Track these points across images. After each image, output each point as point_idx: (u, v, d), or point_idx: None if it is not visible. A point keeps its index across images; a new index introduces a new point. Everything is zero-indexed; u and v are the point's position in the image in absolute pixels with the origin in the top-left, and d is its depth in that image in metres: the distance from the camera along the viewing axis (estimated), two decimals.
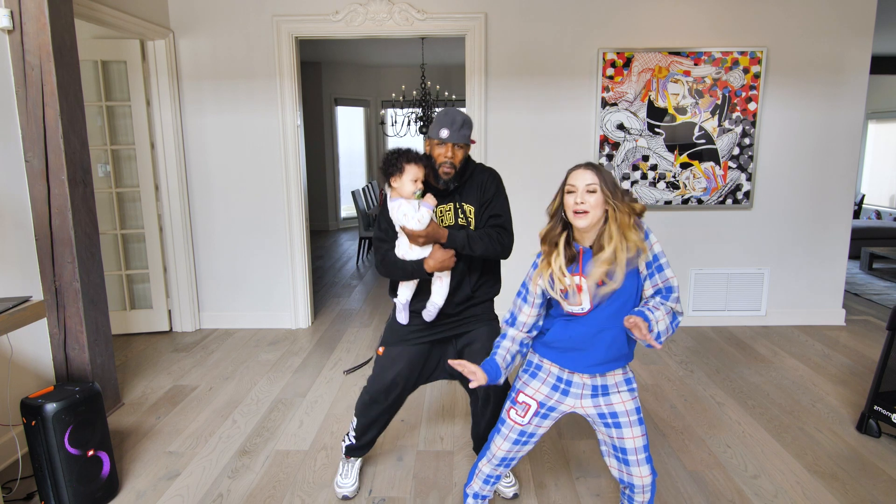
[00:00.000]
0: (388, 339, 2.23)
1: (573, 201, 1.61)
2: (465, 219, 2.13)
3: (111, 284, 4.07)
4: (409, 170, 2.00)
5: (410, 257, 2.06)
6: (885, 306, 4.96)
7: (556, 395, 1.77)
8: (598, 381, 1.74)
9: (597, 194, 1.60)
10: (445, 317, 2.17)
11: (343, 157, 9.72)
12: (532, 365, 1.83)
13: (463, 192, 2.13)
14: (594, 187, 1.60)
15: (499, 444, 1.86)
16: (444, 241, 2.04)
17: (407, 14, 4.02)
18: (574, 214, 1.61)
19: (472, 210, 2.13)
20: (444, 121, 2.07)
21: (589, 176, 1.61)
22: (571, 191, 1.62)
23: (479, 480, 1.95)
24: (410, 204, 2.01)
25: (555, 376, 1.77)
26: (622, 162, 4.19)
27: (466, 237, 2.05)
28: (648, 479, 1.75)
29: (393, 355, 2.18)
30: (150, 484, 2.40)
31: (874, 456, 2.57)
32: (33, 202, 2.66)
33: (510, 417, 1.82)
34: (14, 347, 2.51)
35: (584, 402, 1.76)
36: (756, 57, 4.04)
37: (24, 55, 2.57)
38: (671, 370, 3.57)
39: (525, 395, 1.80)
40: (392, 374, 2.16)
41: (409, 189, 2.01)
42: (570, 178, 1.64)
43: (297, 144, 4.21)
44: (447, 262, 2.03)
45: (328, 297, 5.33)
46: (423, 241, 2.01)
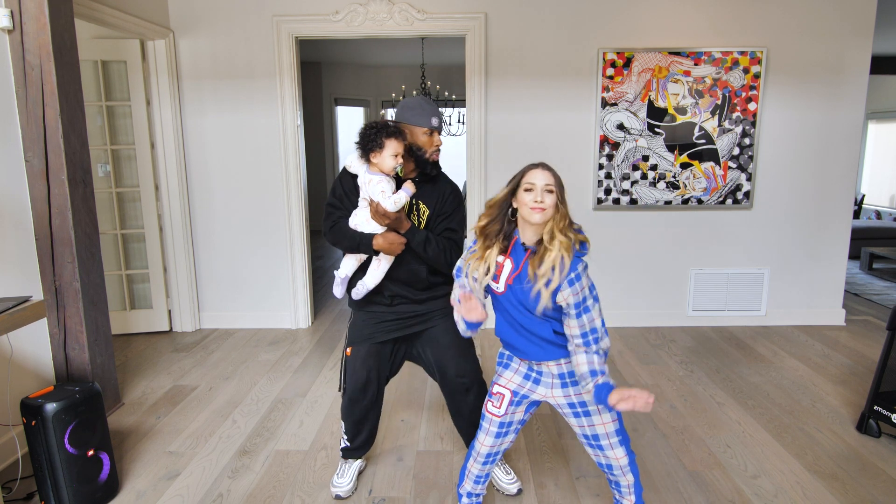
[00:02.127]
0: (353, 338, 2.23)
1: (531, 199, 1.67)
2: (418, 217, 2.14)
3: (111, 284, 4.07)
4: (390, 145, 1.99)
5: (364, 229, 2.06)
6: (885, 306, 4.96)
7: (529, 383, 1.85)
8: (563, 367, 1.79)
9: (553, 195, 1.68)
10: (410, 305, 2.18)
11: (343, 157, 9.72)
12: (504, 356, 1.91)
13: (423, 193, 2.14)
14: (552, 188, 1.68)
15: (482, 440, 1.91)
16: (403, 231, 2.04)
17: (407, 14, 4.02)
18: (531, 210, 1.67)
19: (426, 213, 2.14)
20: (431, 110, 2.08)
21: (548, 176, 1.70)
22: (530, 189, 1.68)
23: (470, 481, 1.99)
24: (390, 183, 2.01)
25: (526, 365, 1.85)
26: (622, 162, 4.19)
27: (425, 237, 2.07)
28: (625, 460, 1.82)
29: (361, 354, 2.20)
30: (150, 484, 2.40)
31: (874, 456, 2.57)
32: (33, 202, 2.66)
33: (488, 410, 1.89)
34: (14, 347, 2.51)
35: (554, 392, 1.82)
36: (756, 57, 4.04)
37: (24, 55, 2.57)
38: (671, 370, 3.57)
39: (499, 385, 1.88)
40: (364, 372, 2.19)
41: (390, 164, 2.01)
42: (529, 175, 1.71)
43: (297, 144, 4.21)
44: (395, 247, 2.04)
45: (328, 297, 5.33)
46: (386, 223, 2.01)
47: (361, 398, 2.22)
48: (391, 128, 2.01)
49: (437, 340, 2.20)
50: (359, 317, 2.24)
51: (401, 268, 2.13)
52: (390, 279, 2.14)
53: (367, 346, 2.20)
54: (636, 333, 4.25)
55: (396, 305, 2.19)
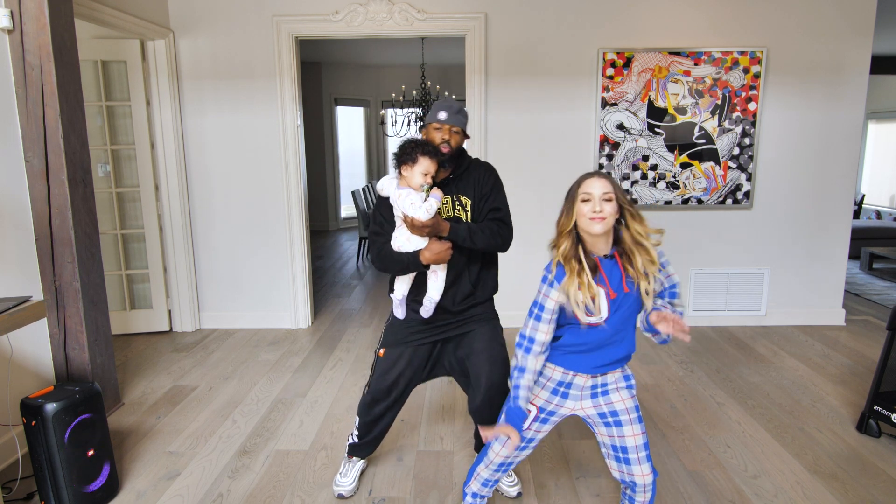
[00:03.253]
0: (388, 340, 2.23)
1: (589, 209, 1.61)
2: (463, 211, 2.14)
3: (111, 284, 4.07)
4: (423, 162, 2.01)
5: (407, 249, 2.06)
6: (885, 306, 4.96)
7: (556, 398, 1.78)
8: (597, 380, 1.74)
9: (612, 202, 1.62)
10: (447, 315, 2.17)
11: (343, 157, 9.72)
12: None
13: (460, 185, 2.14)
14: (610, 195, 1.62)
15: (497, 450, 1.85)
16: (445, 234, 2.04)
17: (407, 14, 4.02)
18: (590, 221, 1.61)
19: (469, 203, 2.14)
20: (442, 105, 2.11)
21: (605, 184, 1.63)
22: (587, 199, 1.62)
23: (478, 482, 1.96)
24: (419, 195, 2.01)
25: (555, 381, 1.77)
26: (622, 162, 4.19)
27: (468, 230, 2.06)
28: (650, 478, 1.75)
29: (394, 357, 2.18)
30: (150, 484, 2.40)
31: (874, 456, 2.57)
32: (33, 202, 2.66)
33: None
34: (14, 347, 2.50)
35: (583, 404, 1.77)
36: (756, 57, 4.04)
37: (24, 55, 2.57)
38: (671, 370, 3.57)
39: None
40: (394, 376, 2.17)
41: (418, 181, 2.02)
42: (585, 186, 1.64)
43: (297, 144, 4.21)
44: (444, 254, 2.03)
45: (328, 297, 5.33)
46: (426, 232, 2.01)
47: (384, 399, 2.21)
48: (429, 147, 2.04)
49: (472, 346, 2.16)
50: (396, 320, 2.23)
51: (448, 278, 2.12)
52: None
53: (400, 349, 2.19)
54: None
55: (436, 314, 2.17)
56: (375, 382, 2.21)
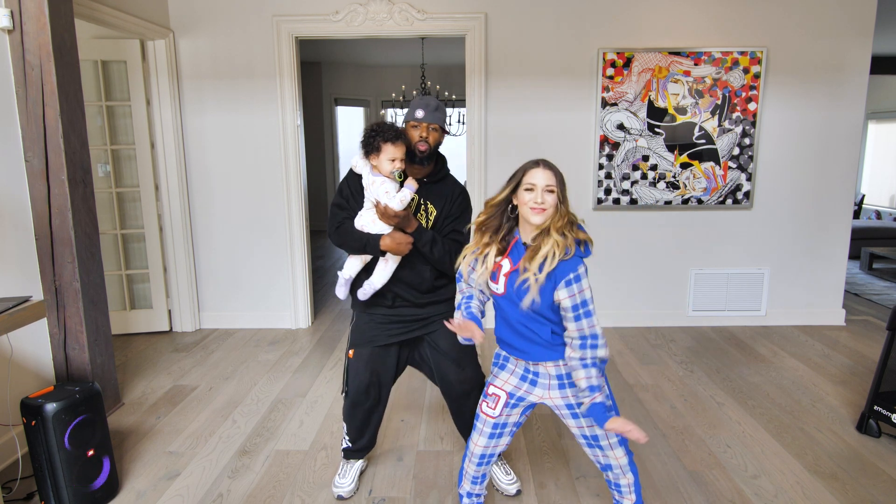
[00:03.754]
0: (356, 340, 2.23)
1: (531, 198, 1.65)
2: (426, 217, 2.14)
3: (111, 284, 4.07)
4: (386, 149, 2.01)
5: (370, 230, 2.06)
6: (885, 306, 4.96)
7: (525, 385, 1.82)
8: (562, 368, 1.77)
9: (554, 194, 1.66)
10: (411, 308, 2.18)
11: (343, 157, 9.71)
12: (500, 357, 1.89)
13: (431, 192, 2.15)
14: (553, 188, 1.66)
15: (476, 440, 1.90)
16: (410, 231, 2.05)
17: (407, 14, 4.02)
18: (531, 211, 1.66)
19: (434, 213, 2.14)
20: (419, 103, 2.11)
21: (549, 176, 1.67)
22: (530, 189, 1.66)
23: (468, 481, 1.99)
24: (393, 183, 2.02)
25: (522, 367, 1.83)
26: (622, 162, 4.19)
27: (432, 237, 2.07)
28: (624, 460, 1.81)
29: (364, 356, 2.20)
30: (150, 484, 2.40)
31: (874, 456, 2.57)
32: (33, 202, 2.66)
33: (482, 411, 1.88)
34: (14, 347, 2.50)
35: (551, 393, 1.80)
36: (756, 57, 4.04)
37: (24, 55, 2.57)
38: (671, 370, 3.57)
39: (495, 386, 1.86)
40: (367, 375, 2.19)
41: (387, 168, 2.02)
42: (530, 175, 1.68)
43: (297, 144, 4.21)
44: (403, 246, 2.04)
45: (328, 297, 5.32)
46: (394, 223, 2.02)
47: (364, 400, 2.23)
48: (389, 132, 2.02)
49: (438, 345, 2.20)
50: (361, 319, 2.24)
51: (405, 268, 2.13)
52: (394, 280, 2.14)
53: (369, 348, 2.20)
54: (636, 333, 4.25)
55: (398, 307, 2.18)
56: (352, 385, 2.22)
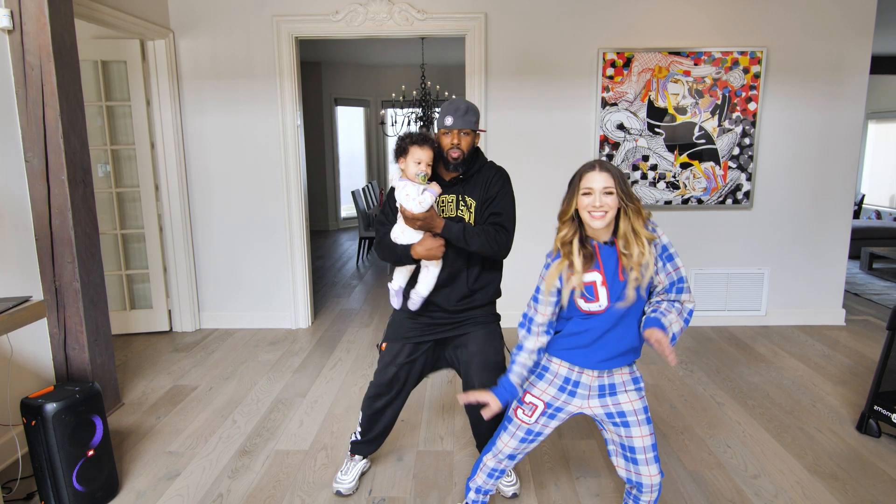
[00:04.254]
0: (389, 334, 2.26)
1: (590, 203, 1.61)
2: (467, 211, 2.13)
3: (111, 284, 4.07)
4: (413, 152, 2.02)
5: (401, 241, 2.07)
6: (885, 306, 4.96)
7: (563, 395, 1.77)
8: (605, 380, 1.73)
9: (613, 196, 1.61)
10: (444, 314, 2.17)
11: (343, 157, 9.72)
12: (539, 366, 1.81)
13: (468, 186, 2.14)
14: (611, 189, 1.61)
15: (505, 440, 1.87)
16: (438, 231, 2.03)
17: (407, 14, 4.02)
18: (590, 216, 1.62)
19: (473, 204, 2.12)
20: (448, 109, 2.09)
21: (606, 178, 1.62)
22: (588, 193, 1.62)
23: (484, 474, 1.96)
24: (415, 187, 2.02)
25: (562, 377, 1.77)
26: (622, 162, 4.19)
27: (462, 230, 2.04)
28: (657, 479, 1.75)
29: (394, 351, 2.21)
30: (150, 484, 2.40)
31: (874, 456, 2.57)
32: (33, 202, 2.66)
33: (517, 416, 1.83)
34: (14, 347, 2.50)
35: (591, 403, 1.76)
36: (756, 57, 4.04)
37: (24, 55, 2.57)
38: (671, 370, 3.57)
39: (532, 395, 1.80)
40: (394, 370, 2.20)
41: (413, 170, 2.03)
42: (586, 180, 1.63)
43: (297, 144, 4.21)
44: (435, 250, 2.03)
45: (328, 297, 5.33)
46: (418, 225, 2.01)
47: (385, 393, 2.23)
48: (418, 136, 2.04)
49: (468, 347, 2.17)
50: (397, 315, 2.26)
51: (443, 274, 2.12)
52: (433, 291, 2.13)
53: (399, 344, 2.21)
54: None
55: (431, 312, 2.19)
56: (377, 376, 2.24)
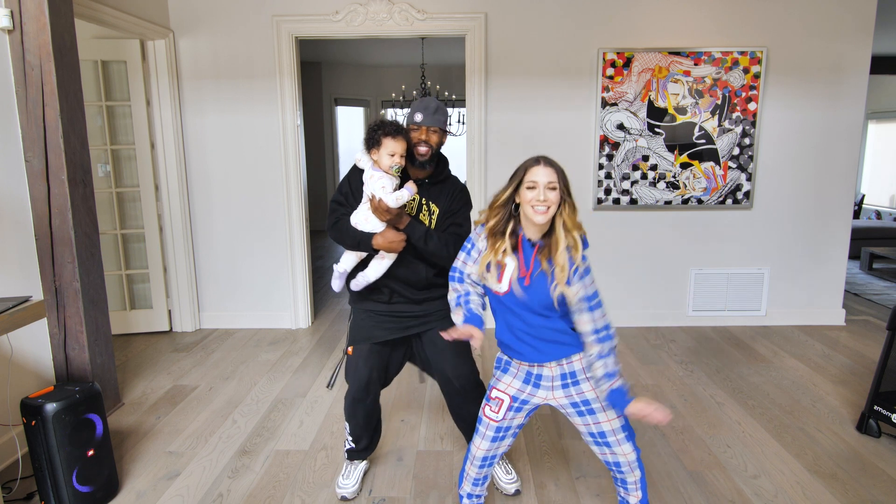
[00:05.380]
0: (354, 337, 2.24)
1: (533, 197, 1.64)
2: (428, 217, 2.15)
3: (111, 284, 4.07)
4: (387, 143, 2.03)
5: (363, 228, 2.07)
6: (885, 306, 4.96)
7: (528, 387, 1.81)
8: (564, 367, 1.77)
9: (556, 192, 1.65)
10: (408, 305, 2.18)
11: (343, 157, 9.71)
12: (502, 361, 1.88)
13: (433, 192, 2.16)
14: (555, 185, 1.65)
15: (478, 444, 1.90)
16: (402, 227, 2.05)
17: (407, 14, 4.02)
18: (533, 210, 1.64)
19: (437, 212, 2.15)
20: (418, 106, 2.11)
21: (550, 173, 1.65)
22: (532, 187, 1.65)
23: (469, 482, 1.99)
24: (391, 180, 2.03)
25: (524, 370, 1.81)
26: (622, 162, 4.19)
27: (425, 231, 2.07)
28: (633, 456, 1.81)
29: (363, 353, 2.20)
30: (150, 484, 2.40)
31: (874, 456, 2.57)
32: (33, 202, 2.66)
33: (486, 415, 1.87)
34: (14, 347, 2.50)
35: (555, 394, 1.80)
36: (756, 57, 4.04)
37: (24, 55, 2.57)
38: (671, 370, 3.57)
39: (498, 390, 1.85)
40: (366, 370, 2.20)
41: (386, 162, 2.04)
42: (531, 174, 1.66)
43: (297, 144, 4.21)
44: (396, 244, 2.05)
45: (328, 297, 5.33)
46: (386, 219, 2.03)
47: (365, 397, 2.23)
48: (391, 127, 2.05)
49: (435, 343, 2.20)
50: (358, 316, 2.25)
51: (401, 265, 2.13)
52: (390, 276, 2.14)
53: (368, 345, 2.20)
54: (636, 333, 4.25)
55: (395, 304, 2.19)
56: (352, 382, 2.23)
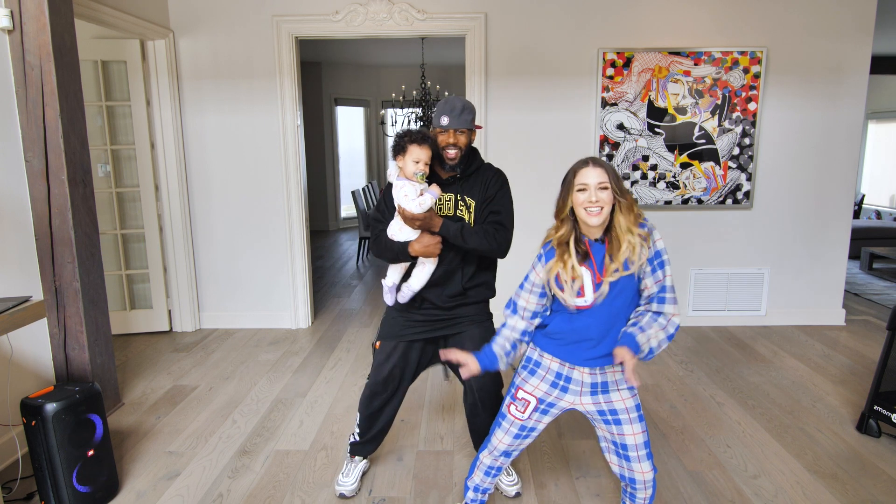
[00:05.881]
0: (383, 333, 2.26)
1: (585, 199, 1.62)
2: (467, 211, 2.14)
3: (111, 284, 4.07)
4: (412, 150, 2.02)
5: (398, 238, 2.08)
6: (885, 306, 4.96)
7: (556, 391, 1.78)
8: (597, 377, 1.74)
9: (608, 191, 1.62)
10: (437, 311, 2.19)
11: (343, 157, 9.72)
12: (531, 362, 1.83)
13: (466, 186, 2.15)
14: (606, 185, 1.62)
15: (500, 437, 1.89)
16: (436, 230, 2.05)
17: (407, 14, 4.02)
18: (587, 212, 1.62)
19: (473, 204, 2.14)
20: (444, 108, 2.10)
21: (600, 174, 1.63)
22: (583, 189, 1.62)
23: (481, 472, 1.97)
24: (414, 187, 2.02)
25: (554, 373, 1.77)
26: (622, 162, 4.19)
27: (460, 228, 2.05)
28: (650, 475, 1.76)
29: (388, 349, 2.22)
30: (150, 484, 2.40)
31: (874, 456, 2.57)
32: (33, 202, 2.66)
33: (510, 413, 1.84)
34: (14, 347, 2.50)
35: (583, 399, 1.77)
36: (756, 57, 4.04)
37: (24, 55, 2.57)
38: (671, 370, 3.57)
39: (524, 391, 1.81)
40: (389, 367, 2.21)
41: (411, 169, 2.03)
42: (580, 176, 1.64)
43: (297, 144, 4.21)
44: (432, 248, 2.04)
45: (328, 297, 5.33)
46: (417, 225, 2.02)
47: (382, 391, 2.24)
48: (417, 134, 2.04)
49: (462, 346, 2.16)
50: (390, 313, 2.27)
51: (438, 271, 2.13)
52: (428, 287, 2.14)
53: (394, 342, 2.22)
54: None
55: (425, 309, 2.20)
56: (373, 375, 2.25)
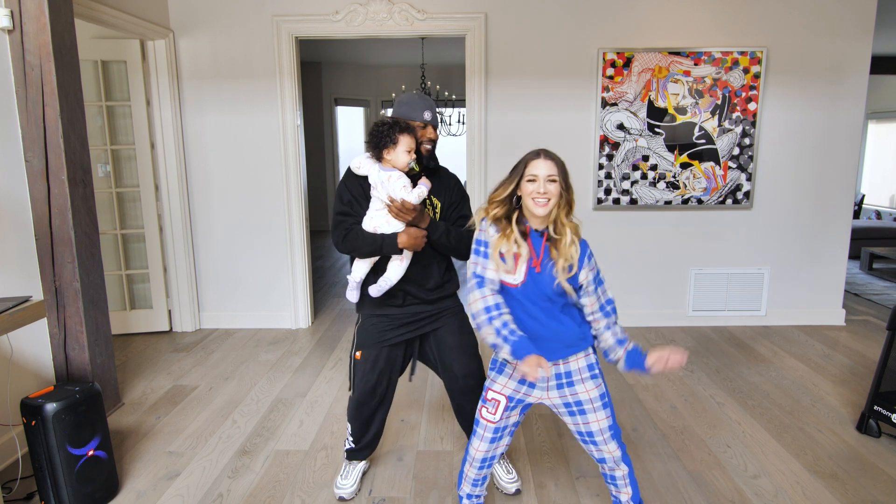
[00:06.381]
0: (362, 342, 2.21)
1: (534, 189, 1.68)
2: (433, 211, 2.17)
3: (111, 284, 4.07)
4: (403, 140, 2.00)
5: (385, 231, 2.03)
6: (885, 306, 4.96)
7: (524, 388, 1.83)
8: (560, 367, 1.79)
9: (556, 183, 1.69)
10: (422, 305, 2.19)
11: (343, 157, 9.71)
12: (497, 362, 1.89)
13: (432, 187, 2.16)
14: (555, 178, 1.69)
15: (476, 445, 1.90)
16: (424, 225, 2.06)
17: (407, 14, 4.02)
18: (534, 202, 1.68)
19: (439, 205, 2.18)
20: (425, 104, 2.10)
21: (550, 167, 1.69)
22: (533, 179, 1.69)
23: (468, 483, 1.99)
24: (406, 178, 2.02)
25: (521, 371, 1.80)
26: (622, 162, 4.19)
27: (445, 227, 2.10)
28: (618, 453, 1.84)
29: (372, 358, 2.19)
30: (150, 484, 2.40)
31: (874, 456, 2.57)
32: (33, 202, 2.66)
33: (483, 417, 1.88)
34: (14, 347, 2.50)
35: (550, 394, 1.82)
36: (756, 57, 4.04)
37: (24, 55, 2.57)
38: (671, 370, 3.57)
39: (493, 391, 1.86)
40: (376, 375, 2.19)
41: (404, 160, 2.01)
42: (532, 167, 1.70)
43: (297, 144, 4.21)
44: (420, 240, 2.05)
45: (328, 297, 5.33)
46: (410, 218, 2.02)
47: (370, 400, 2.22)
48: (403, 124, 2.03)
49: (444, 341, 2.21)
50: (368, 321, 2.21)
51: (415, 266, 2.13)
52: (403, 279, 2.13)
53: (377, 349, 2.18)
54: (636, 333, 4.24)
55: (409, 306, 2.18)
56: (359, 385, 2.21)
